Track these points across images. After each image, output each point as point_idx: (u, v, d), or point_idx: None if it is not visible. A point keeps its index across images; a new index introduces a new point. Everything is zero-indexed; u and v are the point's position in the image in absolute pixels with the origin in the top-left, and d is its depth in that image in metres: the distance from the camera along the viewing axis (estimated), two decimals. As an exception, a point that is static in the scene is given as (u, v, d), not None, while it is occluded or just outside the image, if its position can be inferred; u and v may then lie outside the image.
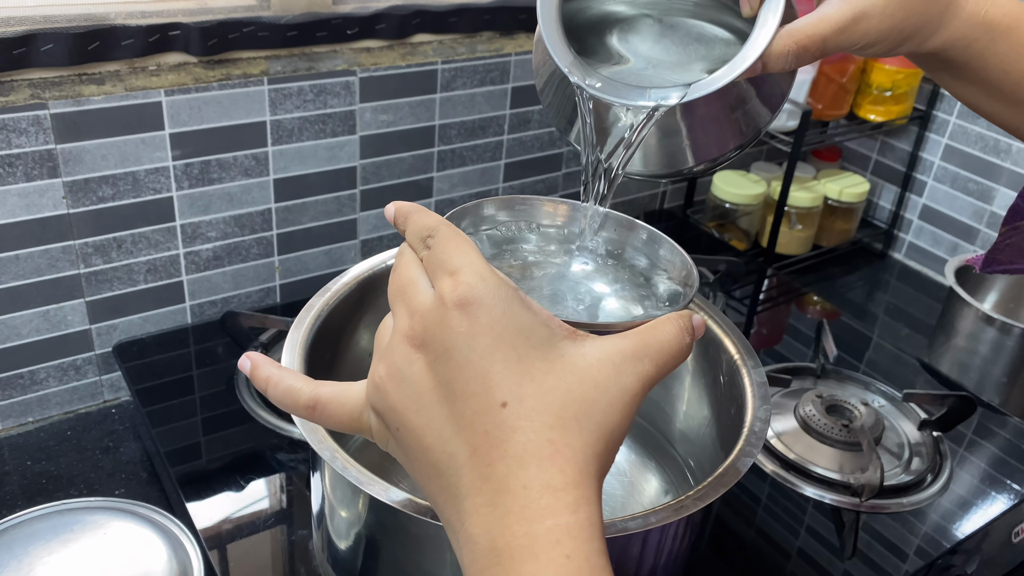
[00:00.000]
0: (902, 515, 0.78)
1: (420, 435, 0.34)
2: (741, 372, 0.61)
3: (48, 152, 0.78)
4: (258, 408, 0.82)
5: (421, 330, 0.34)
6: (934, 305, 1.24)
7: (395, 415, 0.35)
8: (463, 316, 0.33)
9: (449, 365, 0.33)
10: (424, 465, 0.35)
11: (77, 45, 0.76)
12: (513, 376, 0.33)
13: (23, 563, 0.64)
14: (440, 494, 0.34)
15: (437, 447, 0.34)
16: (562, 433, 0.33)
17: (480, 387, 0.33)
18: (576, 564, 0.31)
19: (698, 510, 0.49)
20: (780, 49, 0.45)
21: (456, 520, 0.33)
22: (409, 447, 0.35)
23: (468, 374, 0.33)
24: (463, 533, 0.33)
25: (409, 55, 0.96)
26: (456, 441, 0.33)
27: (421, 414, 0.34)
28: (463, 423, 0.33)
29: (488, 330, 0.33)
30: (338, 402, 0.38)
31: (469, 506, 0.33)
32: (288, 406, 0.39)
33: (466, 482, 0.33)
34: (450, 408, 0.33)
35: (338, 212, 0.98)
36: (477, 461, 0.33)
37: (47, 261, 0.82)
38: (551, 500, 0.32)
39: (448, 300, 0.34)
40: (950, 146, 1.29)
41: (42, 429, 0.87)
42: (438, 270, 0.35)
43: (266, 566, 0.69)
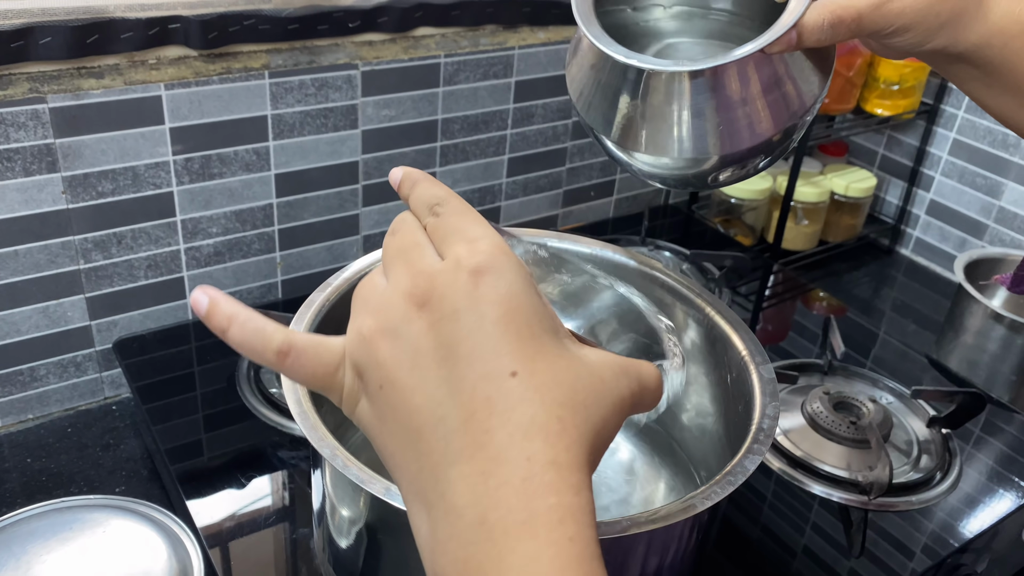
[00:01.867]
0: (910, 513, 0.77)
1: (408, 394, 0.32)
2: (749, 368, 0.60)
3: (47, 147, 0.77)
4: (259, 405, 0.82)
5: (426, 289, 0.32)
6: (942, 301, 1.23)
7: (382, 371, 0.32)
8: (478, 282, 0.32)
9: (456, 327, 0.31)
10: (403, 428, 0.32)
11: (76, 38, 0.76)
12: (526, 349, 0.32)
13: (22, 561, 0.63)
14: (415, 461, 0.32)
15: (426, 409, 0.31)
16: (571, 413, 0.31)
17: (490, 353, 0.31)
18: (578, 548, 0.29)
19: (706, 509, 0.48)
20: (815, 19, 0.45)
21: (432, 490, 0.31)
22: (392, 408, 0.32)
23: (477, 338, 0.31)
24: (442, 505, 0.30)
25: (411, 48, 0.95)
26: (450, 404, 0.31)
27: (414, 373, 0.32)
28: (462, 387, 0.31)
29: (504, 301, 0.32)
30: (314, 352, 0.34)
31: (455, 474, 0.30)
32: (255, 351, 0.34)
33: (455, 448, 0.30)
34: (449, 370, 0.31)
35: (340, 207, 0.98)
36: (472, 428, 0.30)
37: (46, 257, 0.81)
38: (555, 477, 0.30)
39: (464, 264, 0.32)
40: (958, 140, 1.27)
41: (42, 426, 0.86)
42: (451, 236, 0.34)
43: (267, 564, 0.68)
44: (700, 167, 0.51)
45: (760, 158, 0.52)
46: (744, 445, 0.53)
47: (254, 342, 0.34)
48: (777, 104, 0.49)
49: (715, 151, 0.50)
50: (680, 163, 0.51)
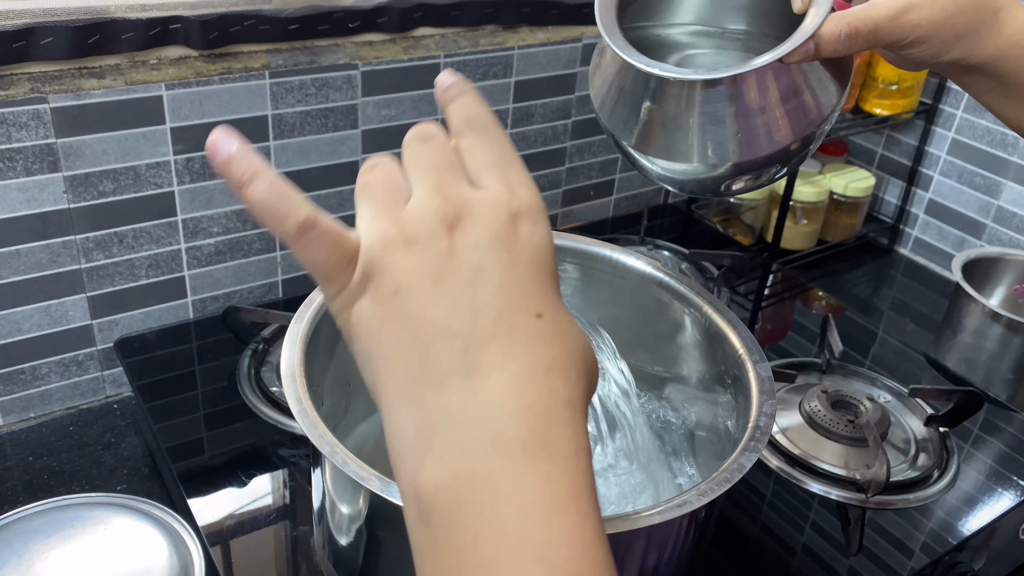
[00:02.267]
0: (908, 511, 0.78)
1: (427, 305, 0.31)
2: (746, 366, 0.60)
3: (48, 146, 0.77)
4: (260, 404, 0.82)
5: (463, 215, 0.32)
6: (940, 300, 1.24)
7: (401, 278, 0.32)
8: (516, 224, 0.32)
9: (488, 258, 0.31)
10: (412, 335, 0.31)
11: (77, 38, 0.76)
12: (549, 298, 0.32)
13: (24, 559, 0.63)
14: (418, 367, 0.31)
15: (443, 322, 0.31)
16: (584, 366, 0.32)
17: (520, 290, 0.31)
18: (590, 481, 0.30)
19: (702, 505, 0.48)
20: (832, 30, 0.46)
21: (434, 398, 0.30)
22: (402, 314, 0.31)
23: (509, 273, 0.31)
24: (446, 413, 0.30)
25: (411, 49, 0.95)
26: (471, 323, 0.31)
27: (438, 287, 0.31)
28: (487, 311, 0.31)
29: (537, 249, 0.32)
30: (337, 237, 0.32)
31: (467, 386, 0.30)
32: (276, 215, 0.32)
33: (471, 363, 0.30)
34: (475, 294, 0.31)
35: (340, 207, 0.98)
36: (493, 351, 0.30)
37: (48, 256, 0.81)
38: (572, 415, 0.30)
39: (505, 204, 0.32)
40: (956, 140, 1.28)
41: (43, 425, 0.86)
42: (493, 170, 0.34)
43: (268, 562, 0.68)
44: (717, 173, 0.52)
45: (777, 167, 0.52)
46: (741, 442, 0.53)
47: (278, 205, 0.32)
48: (795, 113, 0.50)
49: (733, 158, 0.50)
50: (698, 169, 0.52)
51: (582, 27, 1.07)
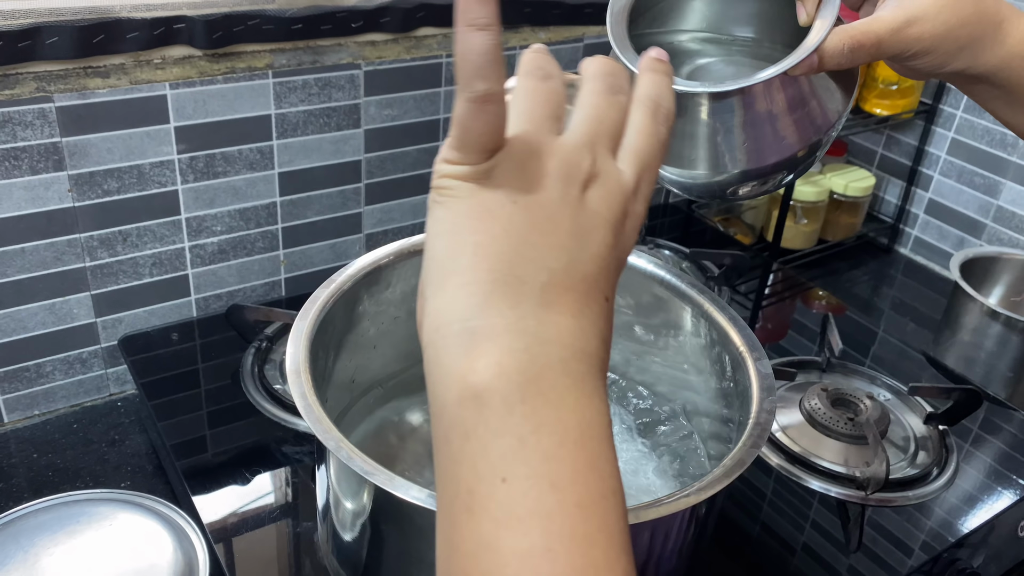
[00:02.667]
0: (907, 509, 0.78)
1: (536, 229, 0.32)
2: (746, 364, 0.61)
3: (53, 145, 0.78)
4: (264, 401, 0.83)
5: (596, 181, 0.34)
6: (939, 300, 1.24)
7: (528, 194, 0.32)
8: (624, 218, 0.34)
9: (599, 231, 0.33)
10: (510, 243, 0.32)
11: (82, 38, 0.76)
12: (614, 291, 0.35)
13: (29, 554, 0.64)
14: (504, 271, 0.31)
15: (541, 250, 0.32)
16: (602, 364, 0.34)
17: (603, 271, 0.34)
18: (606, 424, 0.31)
19: (702, 500, 0.49)
20: (836, 44, 0.47)
21: (508, 306, 0.31)
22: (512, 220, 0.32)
23: (605, 252, 0.33)
24: (520, 324, 0.31)
25: (414, 48, 0.96)
26: (562, 266, 0.32)
27: (552, 223, 0.32)
28: (577, 269, 0.33)
29: (626, 250, 0.35)
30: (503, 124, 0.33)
31: (541, 312, 0.31)
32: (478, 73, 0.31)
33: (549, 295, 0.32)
34: (577, 249, 0.33)
35: (343, 206, 0.98)
36: (568, 298, 0.32)
37: (53, 254, 0.82)
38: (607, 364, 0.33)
39: (628, 196, 0.35)
40: (956, 140, 1.28)
41: (48, 422, 0.87)
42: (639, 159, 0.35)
43: (271, 559, 0.69)
44: (724, 180, 0.53)
45: (784, 173, 0.53)
46: (741, 439, 0.54)
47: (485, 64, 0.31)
48: (801, 122, 0.51)
49: (740, 166, 0.51)
50: (705, 176, 0.53)
51: (584, 27, 1.07)
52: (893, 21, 0.47)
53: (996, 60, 0.49)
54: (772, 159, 0.51)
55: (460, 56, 0.31)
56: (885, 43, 0.47)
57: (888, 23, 0.47)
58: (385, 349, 0.71)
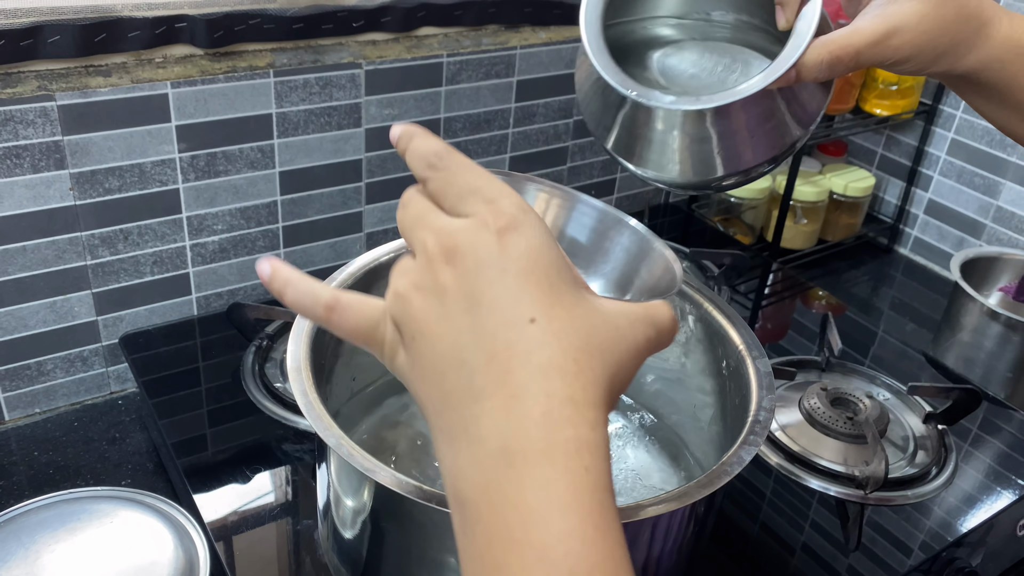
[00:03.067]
0: (906, 508, 0.78)
1: (437, 342, 0.34)
2: (746, 362, 0.61)
3: (55, 144, 0.78)
4: (264, 399, 0.83)
5: (452, 245, 0.34)
6: (939, 300, 1.24)
7: (415, 324, 0.35)
8: (503, 240, 0.34)
9: (480, 279, 0.33)
10: (434, 373, 0.34)
11: (84, 37, 0.77)
12: (545, 299, 0.33)
13: (31, 551, 0.64)
14: (443, 400, 0.34)
15: (451, 353, 0.33)
16: (587, 357, 0.33)
17: (510, 302, 0.33)
18: (593, 478, 0.31)
19: (702, 498, 0.49)
20: (814, 58, 0.46)
21: (457, 424, 0.33)
22: (421, 355, 0.35)
23: (499, 289, 0.33)
24: (465, 436, 0.33)
25: (414, 48, 0.96)
26: (473, 348, 0.33)
27: (442, 322, 0.34)
28: (484, 332, 0.33)
29: (525, 256, 0.34)
30: (358, 307, 0.37)
31: (479, 409, 0.32)
32: (306, 307, 0.38)
33: (478, 385, 0.32)
34: (472, 318, 0.33)
35: (343, 205, 0.99)
36: (494, 368, 0.32)
37: (54, 253, 0.82)
38: (572, 413, 0.32)
39: (491, 224, 0.34)
40: (956, 140, 1.28)
41: (49, 420, 0.87)
42: (469, 197, 0.35)
43: (272, 556, 0.69)
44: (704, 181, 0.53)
45: (766, 167, 0.53)
46: (740, 436, 0.54)
47: (305, 301, 0.38)
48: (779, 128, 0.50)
49: (718, 172, 0.51)
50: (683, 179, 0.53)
51: (584, 27, 1.07)
52: (873, 33, 0.46)
53: (976, 62, 0.49)
54: (750, 164, 0.51)
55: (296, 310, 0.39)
56: (864, 56, 0.47)
57: (868, 35, 0.46)
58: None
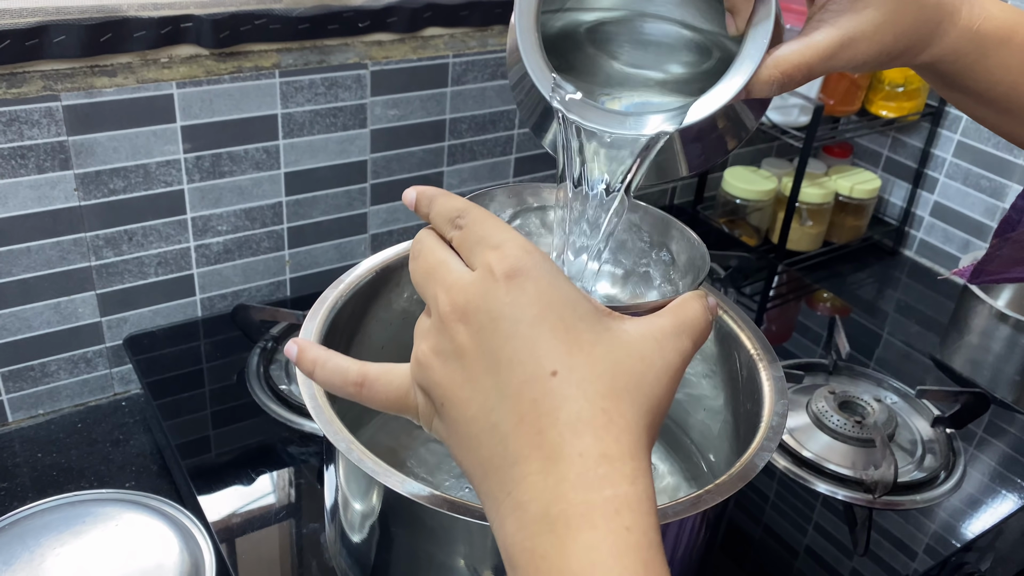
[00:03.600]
0: (914, 512, 0.78)
1: (464, 407, 0.34)
2: (758, 367, 0.60)
3: (60, 144, 0.77)
4: (269, 401, 0.82)
5: (463, 303, 0.34)
6: (945, 302, 1.24)
7: (440, 390, 0.35)
8: (510, 287, 0.33)
9: (495, 335, 0.33)
10: (468, 438, 0.34)
11: (89, 37, 0.76)
12: (562, 346, 0.33)
13: (35, 554, 0.64)
14: (481, 466, 0.34)
15: (481, 417, 0.33)
16: (615, 403, 0.32)
17: (528, 355, 0.32)
18: (635, 537, 0.30)
19: (716, 504, 0.49)
20: (765, 78, 0.44)
21: (499, 489, 0.33)
22: (454, 421, 0.34)
23: (515, 343, 0.33)
24: (508, 502, 0.32)
25: (420, 49, 0.96)
26: (501, 410, 0.33)
27: (466, 386, 0.34)
28: (508, 392, 0.32)
29: (536, 300, 0.33)
30: (386, 379, 0.38)
31: (517, 473, 0.32)
32: (336, 386, 0.39)
33: (513, 450, 0.32)
34: (495, 378, 0.33)
35: (348, 206, 0.98)
36: (525, 429, 0.32)
37: (58, 253, 0.82)
38: (608, 470, 0.31)
39: (496, 271, 0.33)
40: (962, 143, 1.28)
41: (52, 421, 0.87)
42: (477, 246, 0.35)
43: (277, 559, 0.68)
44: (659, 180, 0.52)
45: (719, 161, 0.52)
46: (755, 442, 0.53)
47: (334, 379, 0.39)
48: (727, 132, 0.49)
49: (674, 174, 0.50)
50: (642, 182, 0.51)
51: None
52: (828, 48, 0.44)
53: (931, 56, 0.48)
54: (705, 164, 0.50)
55: (325, 386, 0.40)
56: (816, 70, 0.45)
57: (821, 51, 0.44)
58: (393, 350, 0.70)
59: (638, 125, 0.46)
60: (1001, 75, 0.48)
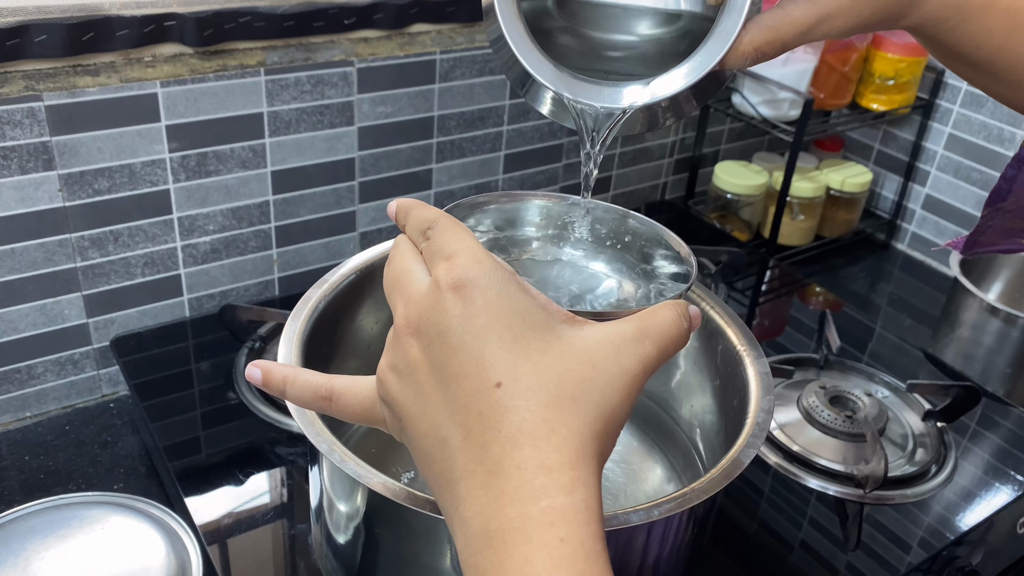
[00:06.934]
0: (906, 506, 0.78)
1: (418, 422, 0.34)
2: (744, 363, 0.60)
3: (43, 144, 0.77)
4: (257, 402, 0.82)
5: (416, 316, 0.34)
6: (937, 295, 1.24)
7: (397, 406, 0.35)
8: (457, 298, 0.33)
9: (443, 348, 0.33)
10: (422, 453, 0.34)
11: (71, 36, 0.76)
12: (508, 356, 0.32)
13: (20, 558, 0.63)
14: (436, 480, 0.34)
15: (431, 433, 0.33)
16: (558, 412, 0.32)
17: (474, 368, 0.32)
18: (570, 548, 0.30)
19: (701, 502, 0.48)
20: (740, 51, 0.44)
21: (451, 504, 0.33)
22: (409, 436, 0.35)
23: (462, 356, 0.33)
24: (457, 517, 0.32)
25: (407, 45, 0.95)
26: (449, 425, 0.33)
27: (419, 401, 0.34)
28: (456, 406, 0.32)
29: (483, 311, 0.33)
30: (352, 393, 0.38)
31: (462, 489, 0.32)
32: (308, 401, 0.40)
33: (459, 465, 0.32)
34: (443, 392, 0.33)
35: (336, 204, 0.98)
36: (471, 444, 0.32)
37: (43, 255, 0.81)
38: (545, 480, 0.31)
39: (443, 283, 0.33)
40: (953, 135, 1.28)
41: (40, 424, 0.86)
42: (435, 256, 0.35)
43: (265, 560, 0.68)
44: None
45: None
46: (739, 439, 0.53)
47: (305, 394, 0.40)
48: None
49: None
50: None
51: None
52: (804, 23, 0.44)
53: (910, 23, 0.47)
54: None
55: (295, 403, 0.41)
56: (790, 45, 0.45)
57: (797, 26, 0.44)
58: (378, 349, 0.70)
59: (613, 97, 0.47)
60: (983, 39, 0.47)
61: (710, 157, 1.34)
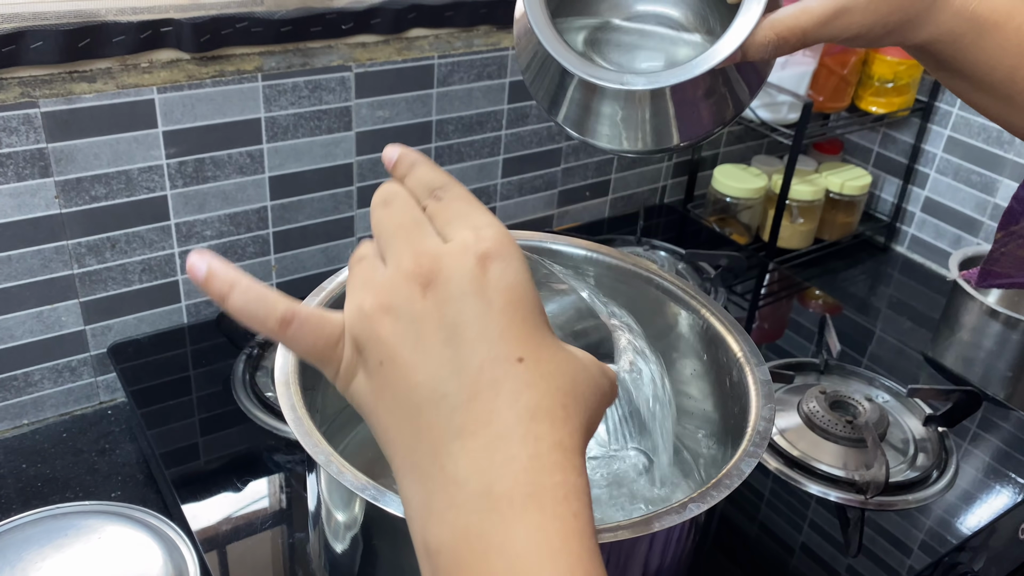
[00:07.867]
0: (907, 512, 0.77)
1: (410, 371, 0.32)
2: (745, 370, 0.60)
3: (39, 151, 0.77)
4: (255, 409, 0.82)
5: (432, 270, 0.33)
6: (937, 299, 1.23)
7: (383, 348, 0.33)
8: (486, 268, 0.32)
9: (462, 310, 0.32)
10: (402, 404, 0.33)
11: (68, 42, 0.75)
12: (532, 339, 0.33)
13: (16, 569, 0.63)
14: (413, 436, 0.32)
15: (427, 386, 0.32)
16: (573, 402, 0.33)
17: (497, 337, 0.32)
18: (581, 524, 0.30)
19: (702, 512, 0.48)
20: (760, 39, 0.46)
21: (431, 463, 0.32)
22: (390, 383, 0.33)
23: (485, 322, 0.32)
24: (441, 476, 0.31)
25: (405, 50, 0.95)
26: (453, 383, 0.32)
27: (417, 350, 0.32)
28: (468, 368, 0.32)
29: (511, 289, 0.33)
30: (317, 323, 0.34)
31: (457, 448, 0.31)
32: (257, 318, 0.34)
33: (458, 424, 0.31)
34: (454, 351, 0.32)
35: (334, 209, 0.97)
36: (477, 407, 0.31)
37: (40, 262, 0.81)
38: (561, 458, 0.31)
39: (472, 249, 0.33)
40: (952, 138, 1.27)
41: (37, 431, 0.86)
42: (457, 220, 0.34)
43: (264, 569, 0.68)
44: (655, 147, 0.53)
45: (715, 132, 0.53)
46: (740, 448, 0.53)
47: (256, 309, 0.34)
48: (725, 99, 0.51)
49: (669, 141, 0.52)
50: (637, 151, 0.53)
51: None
52: (823, 14, 0.45)
53: (928, 35, 0.48)
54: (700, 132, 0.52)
55: (238, 318, 0.34)
56: (811, 36, 0.46)
57: (817, 16, 0.45)
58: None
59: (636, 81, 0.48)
60: (998, 59, 0.48)
61: (709, 160, 1.34)
